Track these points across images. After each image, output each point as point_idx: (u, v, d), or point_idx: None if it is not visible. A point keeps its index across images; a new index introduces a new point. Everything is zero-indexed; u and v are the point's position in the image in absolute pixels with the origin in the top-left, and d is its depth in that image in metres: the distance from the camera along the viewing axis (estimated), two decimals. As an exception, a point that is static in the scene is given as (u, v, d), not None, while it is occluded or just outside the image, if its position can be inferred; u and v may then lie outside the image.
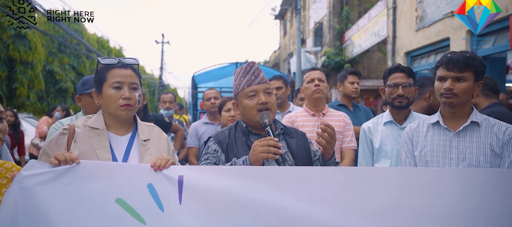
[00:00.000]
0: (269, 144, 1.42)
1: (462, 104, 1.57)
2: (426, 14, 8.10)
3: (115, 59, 1.50)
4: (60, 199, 1.17)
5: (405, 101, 2.03)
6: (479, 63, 1.54)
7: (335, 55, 13.62)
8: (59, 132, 1.42)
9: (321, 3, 15.35)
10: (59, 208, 1.16)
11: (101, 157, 1.38)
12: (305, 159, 1.65)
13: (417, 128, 1.73)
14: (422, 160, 1.65)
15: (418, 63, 8.89)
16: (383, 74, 2.17)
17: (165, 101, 4.20)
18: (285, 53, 23.10)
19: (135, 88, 1.49)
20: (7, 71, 10.69)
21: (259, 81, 1.62)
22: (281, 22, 24.60)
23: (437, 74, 1.61)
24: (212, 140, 1.66)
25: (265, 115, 1.55)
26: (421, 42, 8.36)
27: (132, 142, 1.50)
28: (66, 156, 1.24)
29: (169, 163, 1.37)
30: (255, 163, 1.44)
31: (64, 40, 13.21)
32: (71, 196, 1.19)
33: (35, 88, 11.32)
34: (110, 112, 1.47)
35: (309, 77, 2.51)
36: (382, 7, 10.35)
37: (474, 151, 1.54)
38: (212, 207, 1.28)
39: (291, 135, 1.70)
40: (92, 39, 16.63)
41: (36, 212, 1.12)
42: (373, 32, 10.98)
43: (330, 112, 2.53)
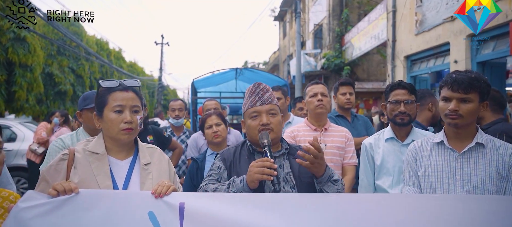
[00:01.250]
0: (264, 165, 1.41)
1: (467, 125, 1.56)
2: (426, 18, 8.09)
3: (116, 82, 1.48)
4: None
5: (407, 118, 2.02)
6: (484, 84, 1.53)
7: (334, 58, 13.63)
8: (59, 158, 1.40)
9: (321, 5, 15.34)
10: None
11: (101, 184, 1.36)
12: (308, 179, 1.62)
13: (421, 147, 1.71)
14: (426, 180, 1.63)
15: (418, 67, 8.89)
16: (385, 90, 2.16)
17: (174, 108, 3.72)
18: (284, 54, 23.09)
19: (136, 111, 1.47)
20: (6, 75, 10.65)
21: (263, 102, 1.62)
22: (281, 24, 24.59)
23: (442, 94, 1.60)
24: (218, 157, 1.69)
25: (264, 136, 1.55)
26: (421, 46, 8.35)
27: (133, 167, 1.48)
28: (65, 186, 1.22)
29: (170, 189, 1.35)
30: (251, 183, 1.44)
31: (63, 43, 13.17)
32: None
33: (34, 91, 11.28)
34: (111, 136, 1.45)
35: (311, 91, 2.49)
36: (382, 11, 10.35)
37: (480, 173, 1.53)
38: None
39: (295, 155, 1.69)
40: (91, 41, 16.58)
41: None
42: (373, 35, 10.98)
43: (332, 127, 2.51)
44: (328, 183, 1.54)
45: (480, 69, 6.63)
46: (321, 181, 1.53)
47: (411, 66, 9.12)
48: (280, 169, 1.61)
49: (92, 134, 2.09)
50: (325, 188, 1.54)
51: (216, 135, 2.62)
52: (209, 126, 2.68)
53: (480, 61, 6.59)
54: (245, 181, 1.46)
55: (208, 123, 2.70)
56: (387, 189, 2.02)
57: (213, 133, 2.64)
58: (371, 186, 2.14)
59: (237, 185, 1.48)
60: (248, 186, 1.45)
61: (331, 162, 2.33)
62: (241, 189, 1.46)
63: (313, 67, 14.80)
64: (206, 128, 2.72)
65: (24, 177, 6.34)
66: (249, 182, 1.44)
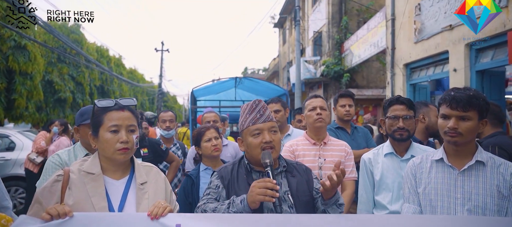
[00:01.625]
0: (267, 187, 1.40)
1: (466, 142, 1.55)
2: (424, 27, 8.12)
3: (112, 102, 1.47)
4: None
5: (406, 133, 2.00)
6: (483, 101, 1.52)
7: (334, 65, 13.66)
8: (53, 179, 1.38)
9: (320, 13, 15.42)
10: None
11: (96, 205, 1.34)
12: (306, 198, 1.62)
13: (420, 164, 1.70)
14: (426, 198, 1.62)
15: (417, 74, 8.90)
16: (383, 105, 2.15)
17: (164, 120, 3.68)
18: (284, 61, 23.16)
19: (132, 130, 1.46)
20: (6, 82, 10.68)
21: (264, 119, 1.61)
22: (280, 31, 24.71)
23: (441, 112, 1.59)
24: (215, 174, 1.66)
25: (267, 155, 1.53)
26: (420, 54, 8.37)
27: (129, 187, 1.46)
28: (59, 209, 1.20)
29: (167, 210, 1.34)
30: (252, 204, 1.42)
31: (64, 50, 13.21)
32: None
33: (34, 98, 11.29)
34: (107, 156, 1.43)
35: (310, 105, 2.47)
36: (381, 18, 10.39)
37: (481, 192, 1.51)
38: None
39: (293, 173, 1.67)
40: (92, 48, 16.63)
41: None
42: (372, 42, 11.01)
43: (331, 141, 2.49)
44: (333, 206, 1.56)
45: (479, 78, 6.64)
46: (328, 203, 1.54)
47: (411, 74, 9.13)
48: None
49: (89, 149, 2.08)
50: (329, 209, 1.56)
51: (216, 149, 2.54)
52: (208, 139, 2.58)
53: (479, 69, 6.60)
54: (246, 201, 1.44)
55: (207, 136, 2.59)
56: (387, 205, 2.00)
57: (213, 146, 2.54)
58: (370, 201, 2.12)
59: (237, 205, 1.46)
60: (249, 206, 1.43)
61: None
62: (242, 209, 1.44)
63: (312, 74, 14.83)
64: (204, 141, 2.59)
65: (22, 187, 6.29)
66: (250, 203, 1.42)
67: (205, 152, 2.60)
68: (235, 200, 1.48)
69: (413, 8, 8.43)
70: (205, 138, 2.60)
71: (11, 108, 10.81)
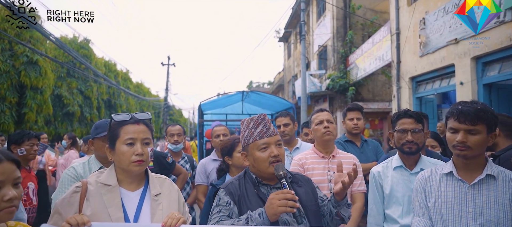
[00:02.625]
0: (286, 198, 1.41)
1: (476, 156, 1.56)
2: (429, 41, 8.17)
3: (128, 115, 1.52)
4: None
5: (415, 147, 2.02)
6: (491, 115, 1.54)
7: (339, 78, 13.71)
8: (72, 190, 1.42)
9: (325, 27, 15.59)
10: None
11: (113, 215, 1.37)
12: (314, 207, 1.65)
13: (429, 177, 1.71)
14: (437, 212, 1.62)
15: (423, 88, 8.90)
16: (392, 119, 2.17)
17: (172, 134, 3.64)
18: (289, 75, 23.28)
19: (147, 143, 1.51)
20: (17, 97, 10.92)
21: (271, 133, 1.64)
22: (285, 45, 24.94)
23: (449, 125, 1.61)
24: (223, 191, 1.64)
25: (280, 167, 1.55)
26: (426, 68, 8.39)
27: (144, 198, 1.50)
28: (78, 219, 1.24)
29: (180, 222, 1.36)
30: (272, 217, 1.43)
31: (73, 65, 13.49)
32: None
33: (43, 112, 11.49)
34: (123, 167, 1.48)
35: (317, 119, 2.50)
36: (386, 32, 10.48)
37: (493, 206, 1.51)
38: None
39: (299, 183, 1.70)
40: (100, 63, 16.95)
41: None
42: (377, 56, 11.08)
43: (340, 154, 2.50)
44: (344, 207, 1.62)
45: (487, 91, 6.62)
46: (341, 204, 1.60)
47: (417, 87, 9.13)
48: None
49: (103, 162, 2.13)
50: (342, 211, 1.61)
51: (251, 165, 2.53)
52: (239, 151, 2.55)
53: (486, 83, 6.59)
54: (265, 214, 1.44)
55: (240, 147, 2.52)
56: (397, 219, 2.00)
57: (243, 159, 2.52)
58: (380, 215, 2.12)
59: (256, 219, 1.46)
60: (268, 219, 1.44)
61: None
62: (262, 223, 1.44)
63: (318, 87, 14.89)
64: (237, 152, 2.57)
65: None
66: (270, 215, 1.43)
67: (236, 162, 2.60)
68: (252, 215, 1.48)
69: (418, 22, 8.50)
70: (238, 148, 2.59)
71: (21, 122, 11.00)
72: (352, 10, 14.04)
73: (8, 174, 1.10)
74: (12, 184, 1.12)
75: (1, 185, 1.10)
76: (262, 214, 1.45)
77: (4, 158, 1.11)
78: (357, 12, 14.01)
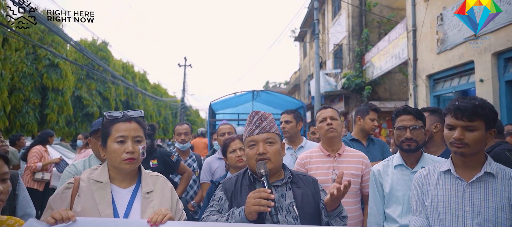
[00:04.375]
0: (261, 196, 1.39)
1: (474, 153, 1.49)
2: (447, 37, 7.90)
3: (119, 113, 1.54)
4: None
5: (414, 144, 1.95)
6: (490, 111, 1.47)
7: (355, 77, 13.48)
8: (64, 186, 1.46)
9: (340, 25, 15.37)
10: None
11: (102, 212, 1.40)
12: (312, 210, 1.59)
13: (427, 175, 1.65)
14: (434, 211, 1.56)
15: (441, 86, 8.61)
16: (391, 116, 2.11)
17: (180, 133, 3.68)
18: (305, 74, 23.11)
19: (139, 141, 1.52)
20: (40, 98, 11.38)
21: (260, 131, 1.62)
22: (301, 44, 24.79)
23: (446, 122, 1.55)
24: (220, 187, 1.67)
25: (261, 165, 1.53)
26: (444, 65, 8.12)
27: (135, 195, 1.52)
28: (63, 214, 1.27)
29: (166, 218, 1.37)
30: (249, 215, 1.42)
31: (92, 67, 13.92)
32: None
33: (64, 113, 11.92)
34: (114, 165, 1.50)
35: (320, 116, 2.45)
36: (402, 30, 10.22)
37: (491, 205, 1.45)
38: None
39: (299, 184, 1.65)
40: (118, 64, 17.40)
41: None
42: (394, 54, 10.81)
43: (347, 152, 2.44)
44: (336, 218, 1.55)
45: (509, 89, 6.33)
46: (331, 215, 1.53)
47: (434, 85, 8.85)
48: (282, 198, 1.58)
49: (102, 160, 2.17)
50: (332, 221, 1.55)
51: (240, 159, 2.58)
52: (233, 150, 2.63)
53: (509, 79, 6.30)
54: (244, 213, 1.44)
55: (232, 147, 2.64)
56: (397, 219, 1.94)
57: (237, 157, 2.59)
58: (380, 214, 2.07)
59: (235, 216, 1.46)
60: (246, 217, 1.42)
61: None
62: (240, 221, 1.44)
63: (333, 87, 14.70)
64: (229, 152, 2.65)
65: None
66: (247, 214, 1.42)
67: (230, 162, 2.67)
68: (234, 212, 1.48)
69: (435, 18, 8.24)
70: (230, 149, 2.66)
71: (44, 123, 11.45)
72: (368, 8, 13.77)
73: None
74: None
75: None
76: (241, 212, 1.45)
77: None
78: (373, 9, 13.73)
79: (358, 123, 3.13)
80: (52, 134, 5.92)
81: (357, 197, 2.36)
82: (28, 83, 10.87)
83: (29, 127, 10.67)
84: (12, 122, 10.41)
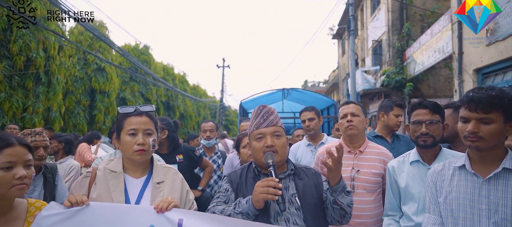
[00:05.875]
0: (269, 185, 1.43)
1: (491, 147, 1.38)
2: (499, 27, 7.25)
3: (132, 108, 1.66)
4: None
5: (430, 139, 1.83)
6: (510, 101, 1.34)
7: (395, 74, 12.87)
8: (84, 175, 1.61)
9: (379, 21, 14.77)
10: None
11: (115, 199, 1.51)
12: (314, 201, 1.61)
13: (441, 171, 1.56)
14: (447, 208, 1.47)
15: (492, 81, 7.92)
16: (407, 110, 2.01)
17: (205, 130, 3.82)
18: (343, 72, 22.51)
19: (149, 133, 1.62)
20: (89, 100, 12.38)
21: (268, 124, 1.65)
22: (339, 42, 24.18)
23: (460, 114, 1.45)
24: (225, 179, 1.74)
25: (269, 156, 1.57)
26: (494, 58, 7.46)
27: (147, 185, 1.62)
28: (78, 198, 1.39)
29: (171, 205, 1.45)
30: (256, 203, 1.47)
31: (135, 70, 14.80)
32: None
33: (110, 114, 12.81)
34: (127, 156, 1.62)
35: (342, 112, 2.39)
36: (446, 22, 9.57)
37: (509, 203, 1.33)
38: None
39: (301, 176, 1.68)
40: (159, 67, 18.29)
41: None
42: (437, 48, 10.16)
43: (370, 149, 2.34)
44: (342, 194, 1.56)
45: None
46: (336, 189, 1.55)
47: (483, 80, 8.17)
48: (285, 190, 1.61)
49: None
50: (339, 198, 1.56)
51: (251, 155, 2.66)
52: (244, 145, 2.74)
53: None
54: (251, 201, 1.49)
55: (244, 143, 2.76)
56: (412, 216, 1.85)
57: (249, 152, 2.69)
58: (394, 210, 1.99)
59: (243, 205, 1.51)
60: (253, 206, 1.48)
61: (363, 189, 2.20)
62: (247, 209, 1.49)
63: (372, 84, 14.16)
64: (241, 147, 2.78)
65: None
66: (254, 202, 1.47)
67: (243, 157, 2.81)
68: (241, 201, 1.54)
69: (483, 8, 7.62)
70: (242, 144, 2.79)
71: (92, 123, 12.40)
72: (409, 1, 13.07)
73: (20, 156, 1.30)
74: (24, 165, 1.31)
75: (13, 165, 1.28)
76: (249, 201, 1.50)
77: (17, 142, 1.31)
78: (416, 2, 13.00)
79: (381, 119, 3.00)
80: (99, 136, 6.28)
81: (378, 195, 2.28)
82: (79, 86, 11.86)
83: (80, 127, 11.62)
84: (66, 123, 11.42)
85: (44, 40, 8.95)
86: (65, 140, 3.55)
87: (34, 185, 2.42)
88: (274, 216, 1.54)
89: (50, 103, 9.27)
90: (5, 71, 8.04)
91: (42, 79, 8.95)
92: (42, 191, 2.43)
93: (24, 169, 1.31)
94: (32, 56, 8.54)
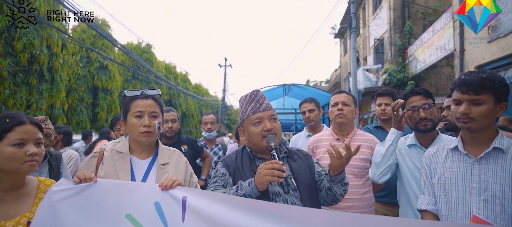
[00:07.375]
0: (273, 167, 1.46)
1: (482, 128, 1.43)
2: (500, 23, 7.28)
3: (138, 91, 1.72)
4: (78, 212, 1.38)
5: (430, 123, 1.88)
6: (499, 83, 1.39)
7: (397, 72, 12.89)
8: (91, 155, 1.67)
9: (381, 19, 14.78)
10: (77, 220, 1.37)
11: (122, 178, 1.57)
12: (308, 181, 1.67)
13: (436, 153, 1.61)
14: (441, 188, 1.52)
15: (492, 78, 7.94)
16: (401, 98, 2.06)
17: (206, 122, 3.89)
18: (345, 71, 22.53)
19: (155, 116, 1.68)
20: (92, 98, 12.46)
21: (264, 108, 1.69)
22: (341, 41, 24.19)
23: (453, 97, 1.51)
24: (220, 163, 1.76)
25: (271, 139, 1.60)
26: (496, 54, 7.49)
27: (152, 166, 1.68)
28: (86, 175, 1.46)
29: (175, 184, 1.50)
30: (260, 185, 1.50)
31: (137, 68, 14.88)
32: (87, 210, 1.39)
33: (112, 111, 12.89)
34: (133, 138, 1.68)
35: (333, 100, 2.46)
36: (448, 19, 9.59)
37: (498, 181, 1.38)
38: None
39: (295, 158, 1.73)
40: (161, 65, 18.36)
41: (58, 223, 1.35)
42: (438, 46, 10.18)
43: (357, 137, 2.42)
44: (338, 184, 1.61)
45: None
46: (334, 179, 1.60)
47: (484, 77, 8.19)
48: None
49: None
50: (334, 187, 1.61)
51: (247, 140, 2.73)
52: None
53: None
54: (254, 183, 1.52)
55: None
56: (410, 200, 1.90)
57: None
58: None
59: (245, 187, 1.54)
60: (257, 188, 1.51)
61: (351, 174, 2.25)
62: (250, 191, 1.52)
63: (373, 83, 14.19)
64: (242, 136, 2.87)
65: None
66: (258, 184, 1.50)
67: (242, 145, 2.83)
68: (242, 184, 1.57)
69: (483, 5, 7.64)
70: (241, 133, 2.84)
71: (95, 120, 12.49)
72: (411, -1, 13.10)
73: (30, 134, 1.36)
74: (35, 143, 1.38)
75: (25, 142, 1.35)
76: (251, 183, 1.53)
77: (28, 121, 1.38)
78: (417, 0, 13.01)
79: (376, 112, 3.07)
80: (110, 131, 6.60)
81: (367, 180, 2.31)
82: (82, 84, 11.95)
83: (83, 124, 11.70)
84: (69, 120, 11.51)
85: (47, 38, 9.05)
86: (64, 131, 3.61)
87: (39, 172, 2.48)
88: (272, 198, 1.58)
89: (53, 100, 9.37)
90: (9, 68, 8.14)
91: (45, 76, 9.05)
92: None
93: (35, 146, 1.37)
94: (35, 54, 8.64)
